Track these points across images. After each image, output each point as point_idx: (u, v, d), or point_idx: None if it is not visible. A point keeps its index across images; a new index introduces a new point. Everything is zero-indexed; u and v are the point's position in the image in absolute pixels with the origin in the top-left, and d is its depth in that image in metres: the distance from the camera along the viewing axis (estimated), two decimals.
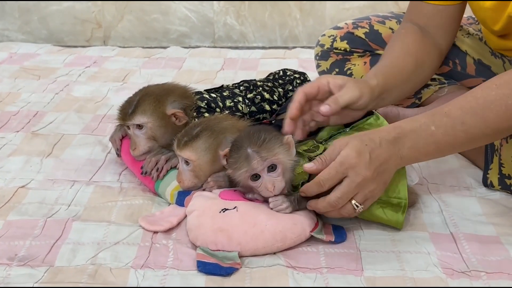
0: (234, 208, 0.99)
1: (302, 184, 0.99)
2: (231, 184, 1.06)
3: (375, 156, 0.94)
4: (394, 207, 1.02)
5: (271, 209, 0.99)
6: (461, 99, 1.00)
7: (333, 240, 0.99)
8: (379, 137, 0.96)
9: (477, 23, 1.44)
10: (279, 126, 1.17)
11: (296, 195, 0.99)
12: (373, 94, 1.11)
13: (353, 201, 0.95)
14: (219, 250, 0.95)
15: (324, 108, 1.04)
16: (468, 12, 1.31)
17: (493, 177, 1.16)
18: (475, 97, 0.98)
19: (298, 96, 1.07)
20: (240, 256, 0.95)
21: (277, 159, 0.96)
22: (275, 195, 0.98)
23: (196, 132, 1.07)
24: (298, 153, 1.02)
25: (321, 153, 1.01)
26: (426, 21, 1.26)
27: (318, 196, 0.97)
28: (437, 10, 1.24)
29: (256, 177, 0.97)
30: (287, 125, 1.07)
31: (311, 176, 0.99)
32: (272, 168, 0.97)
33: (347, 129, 1.10)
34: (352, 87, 1.07)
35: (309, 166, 0.97)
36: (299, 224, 0.98)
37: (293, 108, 1.06)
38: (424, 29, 1.25)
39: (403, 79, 1.20)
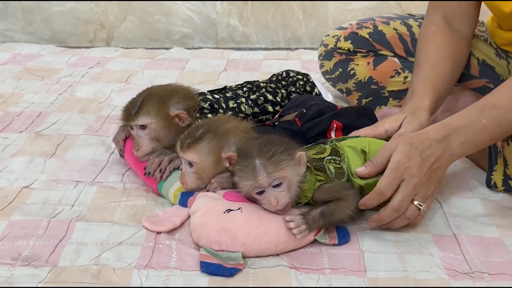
0: (239, 209, 0.99)
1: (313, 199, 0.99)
2: (235, 185, 1.06)
3: (426, 156, 0.98)
4: None
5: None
6: (503, 90, 1.05)
7: (336, 243, 0.99)
8: (428, 138, 1.00)
9: (481, 25, 1.44)
10: (283, 128, 1.16)
11: (314, 213, 0.97)
12: (429, 115, 1.15)
13: (416, 202, 0.98)
14: (223, 250, 0.95)
15: None
16: None
17: (497, 178, 1.16)
18: None
19: None
20: (244, 257, 0.95)
21: (283, 176, 0.95)
22: (290, 215, 0.97)
23: (199, 134, 1.07)
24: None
25: (328, 155, 1.01)
26: (449, 12, 1.29)
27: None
28: (459, 2, 1.28)
29: (261, 190, 0.97)
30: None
31: (315, 192, 0.98)
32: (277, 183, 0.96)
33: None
34: (411, 122, 1.12)
35: (360, 170, 1.00)
36: None
37: None
38: (449, 21, 1.29)
39: (447, 85, 1.24)
